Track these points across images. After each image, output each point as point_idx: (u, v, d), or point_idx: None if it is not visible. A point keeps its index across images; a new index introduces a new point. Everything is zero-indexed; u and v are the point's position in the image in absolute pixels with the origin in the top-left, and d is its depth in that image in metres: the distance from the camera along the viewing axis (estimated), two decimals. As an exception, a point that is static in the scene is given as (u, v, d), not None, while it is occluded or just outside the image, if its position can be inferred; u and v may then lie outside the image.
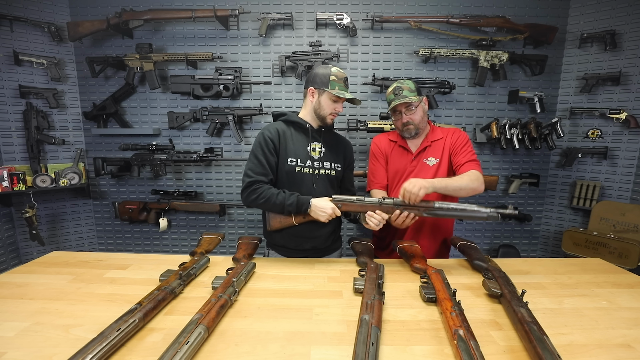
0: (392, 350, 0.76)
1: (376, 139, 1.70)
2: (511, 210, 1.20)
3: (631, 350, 0.78)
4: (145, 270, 1.21)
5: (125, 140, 2.46)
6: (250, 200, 1.34)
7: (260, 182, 1.34)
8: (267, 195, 1.32)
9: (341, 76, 1.39)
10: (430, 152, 1.55)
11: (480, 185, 1.40)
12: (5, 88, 2.26)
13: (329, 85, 1.36)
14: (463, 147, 1.52)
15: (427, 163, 1.53)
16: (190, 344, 0.69)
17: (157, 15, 2.21)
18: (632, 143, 2.24)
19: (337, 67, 1.45)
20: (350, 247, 1.43)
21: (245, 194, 1.35)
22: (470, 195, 1.40)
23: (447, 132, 1.58)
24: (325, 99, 1.38)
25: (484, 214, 1.20)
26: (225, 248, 2.61)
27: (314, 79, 1.40)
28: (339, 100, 1.40)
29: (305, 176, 1.41)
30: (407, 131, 1.53)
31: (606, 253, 2.12)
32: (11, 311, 0.91)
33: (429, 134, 1.58)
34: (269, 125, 1.45)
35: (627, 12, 2.18)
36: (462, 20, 2.25)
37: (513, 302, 0.89)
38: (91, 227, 2.63)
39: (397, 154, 1.61)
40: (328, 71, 1.38)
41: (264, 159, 1.36)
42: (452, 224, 1.67)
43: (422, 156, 1.56)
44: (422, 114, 1.52)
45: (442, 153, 1.53)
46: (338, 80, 1.37)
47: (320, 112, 1.41)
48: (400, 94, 1.47)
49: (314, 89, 1.40)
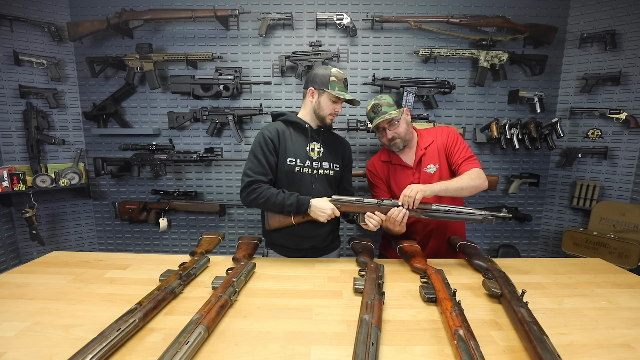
0: (392, 350, 0.76)
1: (369, 164, 1.68)
2: (504, 213, 1.26)
3: (631, 350, 0.78)
4: (145, 270, 1.21)
5: (125, 140, 2.46)
6: (250, 200, 1.34)
7: (259, 181, 1.34)
8: (266, 195, 1.32)
9: (341, 77, 1.39)
10: (427, 159, 1.54)
11: (483, 182, 1.41)
12: (5, 88, 2.26)
13: (329, 86, 1.37)
14: (456, 146, 1.51)
15: (428, 171, 1.52)
16: (190, 344, 0.69)
17: (157, 15, 2.21)
18: (632, 143, 2.24)
19: (337, 67, 1.46)
20: (350, 247, 1.43)
21: (245, 193, 1.34)
22: (473, 193, 1.42)
23: (436, 134, 1.56)
24: (325, 99, 1.39)
25: (479, 216, 1.25)
26: (225, 248, 2.61)
27: (314, 79, 1.40)
28: (339, 101, 1.41)
29: (304, 176, 1.41)
30: (394, 146, 1.52)
31: (606, 253, 2.12)
32: (11, 311, 0.91)
33: (419, 141, 1.56)
34: (269, 125, 1.45)
35: (627, 12, 2.18)
36: (462, 20, 2.25)
37: (513, 302, 0.89)
38: (91, 227, 2.63)
39: (397, 172, 1.58)
40: (328, 72, 1.39)
41: (263, 159, 1.36)
42: (464, 225, 1.66)
43: (421, 166, 1.54)
44: (405, 125, 1.50)
45: (438, 157, 1.53)
46: (338, 81, 1.38)
47: (319, 113, 1.42)
48: (379, 111, 1.46)
49: (314, 89, 1.40)
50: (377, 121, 1.47)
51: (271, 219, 1.37)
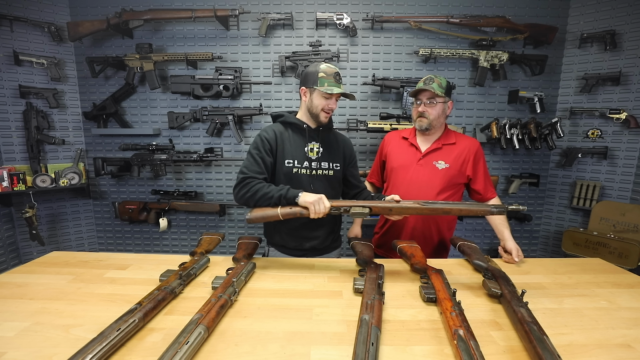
0: (392, 350, 0.76)
1: (389, 133, 1.73)
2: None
3: (631, 350, 0.78)
4: (145, 270, 1.20)
5: (125, 140, 2.46)
6: (241, 195, 1.28)
7: (253, 178, 1.30)
8: (257, 188, 1.26)
9: (330, 72, 1.35)
10: (441, 155, 1.54)
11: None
12: (5, 88, 2.26)
13: (317, 83, 1.34)
14: (485, 170, 1.55)
15: (437, 166, 1.53)
16: (190, 344, 0.69)
17: (157, 15, 2.21)
18: (632, 143, 2.24)
19: (332, 63, 1.41)
20: (350, 247, 1.43)
21: (237, 189, 1.30)
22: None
23: (462, 140, 1.56)
24: (316, 96, 1.36)
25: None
26: (225, 248, 2.61)
27: (305, 78, 1.39)
28: (331, 97, 1.37)
29: (302, 177, 1.39)
30: (419, 121, 1.52)
31: (606, 253, 2.12)
32: (11, 311, 0.91)
33: (442, 136, 1.57)
34: (267, 127, 1.43)
35: (627, 12, 2.18)
36: (462, 20, 2.25)
37: (513, 302, 0.88)
38: (91, 227, 2.63)
39: (404, 148, 1.61)
40: (317, 69, 1.35)
41: (259, 158, 1.34)
42: (454, 224, 1.66)
43: (432, 157, 1.54)
44: (440, 112, 1.50)
45: (453, 160, 1.52)
46: (327, 77, 1.34)
47: (313, 111, 1.39)
48: (429, 84, 1.47)
49: (306, 88, 1.39)
50: (421, 86, 1.48)
51: (255, 209, 1.26)
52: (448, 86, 1.50)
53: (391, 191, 1.56)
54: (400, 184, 1.56)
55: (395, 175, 1.59)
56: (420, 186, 1.51)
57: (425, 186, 1.51)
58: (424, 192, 1.50)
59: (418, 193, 1.49)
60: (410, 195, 1.46)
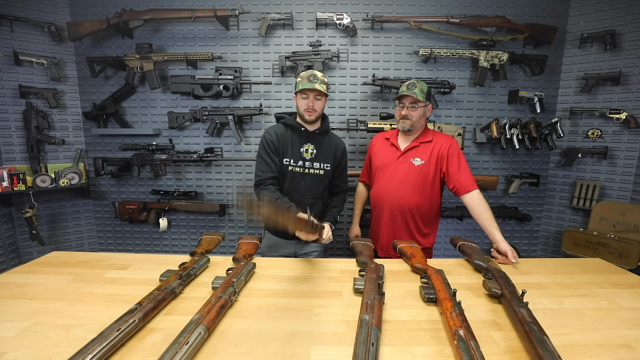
0: (392, 350, 0.76)
1: (376, 135, 1.84)
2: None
3: (631, 350, 0.78)
4: (145, 270, 1.20)
5: (125, 140, 2.46)
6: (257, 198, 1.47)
7: (266, 180, 1.48)
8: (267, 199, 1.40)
9: (306, 75, 1.50)
10: (418, 152, 1.63)
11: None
12: (5, 88, 2.26)
13: (296, 88, 1.52)
14: (460, 164, 1.59)
15: (414, 162, 1.62)
16: (190, 344, 0.69)
17: (157, 15, 2.21)
18: (632, 143, 2.24)
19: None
20: (350, 247, 1.43)
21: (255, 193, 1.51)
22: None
23: (437, 138, 1.65)
24: (298, 99, 1.53)
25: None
26: (225, 248, 2.61)
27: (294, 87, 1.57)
28: (308, 96, 1.50)
29: (295, 174, 1.56)
30: (402, 123, 1.62)
31: (606, 253, 2.12)
32: (11, 311, 0.91)
33: (421, 135, 1.67)
34: (269, 129, 1.59)
35: (627, 12, 2.18)
36: (462, 20, 2.25)
37: (513, 302, 0.88)
38: (91, 227, 2.63)
39: (385, 148, 1.72)
40: (298, 78, 1.53)
41: (268, 159, 1.52)
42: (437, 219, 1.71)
43: (409, 155, 1.64)
44: (421, 114, 1.61)
45: (429, 157, 1.61)
46: (303, 79, 1.49)
47: (299, 112, 1.55)
48: (412, 89, 1.57)
49: (295, 95, 1.55)
50: (403, 92, 1.58)
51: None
52: (428, 91, 1.61)
53: (374, 188, 1.71)
54: (380, 180, 1.68)
55: (378, 173, 1.70)
56: (398, 181, 1.62)
57: (402, 181, 1.61)
58: (401, 188, 1.60)
59: (396, 188, 1.61)
60: (387, 190, 1.62)
